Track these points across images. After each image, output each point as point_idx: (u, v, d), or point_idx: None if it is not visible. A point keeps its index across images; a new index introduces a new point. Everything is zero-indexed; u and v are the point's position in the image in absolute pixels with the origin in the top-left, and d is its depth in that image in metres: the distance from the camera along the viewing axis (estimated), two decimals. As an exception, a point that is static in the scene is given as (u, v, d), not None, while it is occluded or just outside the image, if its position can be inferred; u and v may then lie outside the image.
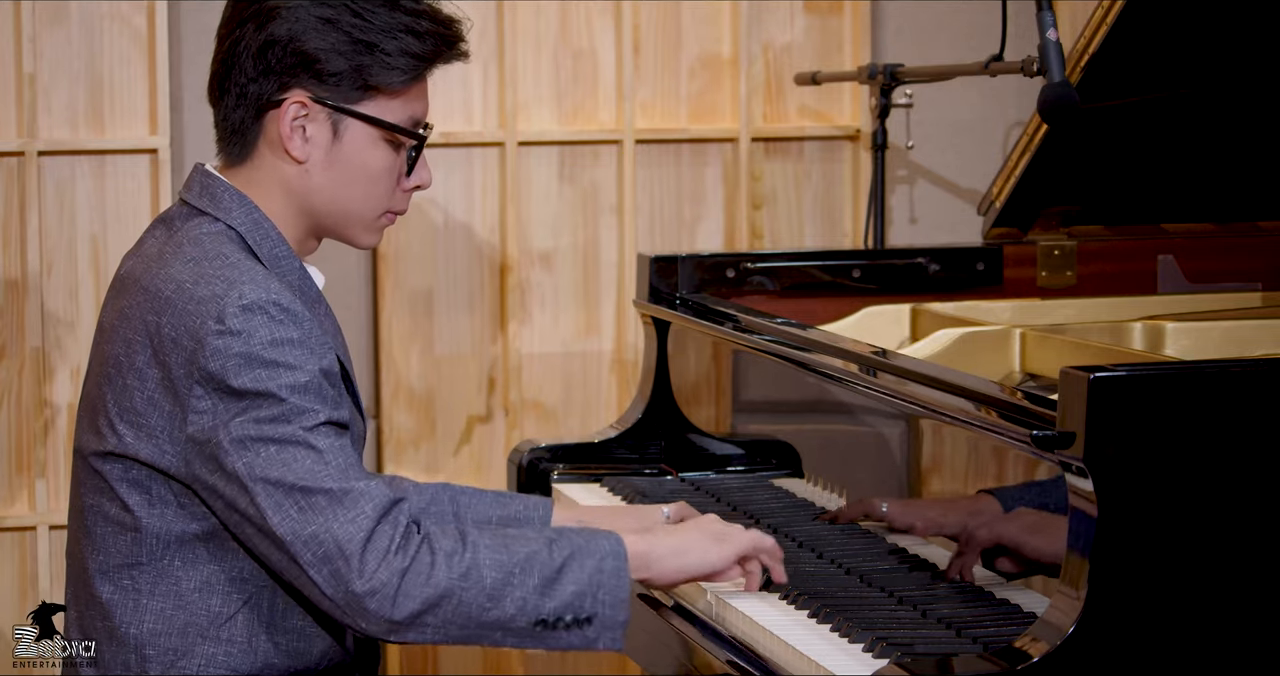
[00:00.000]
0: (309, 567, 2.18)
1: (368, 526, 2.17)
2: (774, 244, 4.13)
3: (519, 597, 2.20)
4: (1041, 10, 2.98)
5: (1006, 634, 2.19)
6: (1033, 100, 2.97)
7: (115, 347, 2.31)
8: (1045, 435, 2.12)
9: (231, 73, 2.34)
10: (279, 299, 2.24)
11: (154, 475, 2.28)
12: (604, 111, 4.06)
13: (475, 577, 2.19)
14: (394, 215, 2.42)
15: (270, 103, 2.33)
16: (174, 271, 2.28)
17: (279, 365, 2.21)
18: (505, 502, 2.63)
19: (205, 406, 2.22)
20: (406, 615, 2.18)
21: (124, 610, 2.31)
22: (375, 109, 2.34)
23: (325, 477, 2.19)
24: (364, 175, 2.36)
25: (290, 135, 2.33)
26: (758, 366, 2.99)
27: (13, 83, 3.77)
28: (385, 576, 2.17)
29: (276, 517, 2.19)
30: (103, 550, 2.32)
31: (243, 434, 2.19)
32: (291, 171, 2.35)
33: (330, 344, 2.29)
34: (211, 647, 2.30)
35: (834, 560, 2.59)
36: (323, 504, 2.18)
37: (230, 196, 2.35)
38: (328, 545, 2.17)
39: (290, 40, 2.31)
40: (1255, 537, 2.10)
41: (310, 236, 2.42)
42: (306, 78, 2.32)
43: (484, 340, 4.03)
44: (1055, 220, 3.33)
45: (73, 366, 3.82)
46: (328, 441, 2.21)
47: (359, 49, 2.32)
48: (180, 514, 2.28)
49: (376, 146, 2.36)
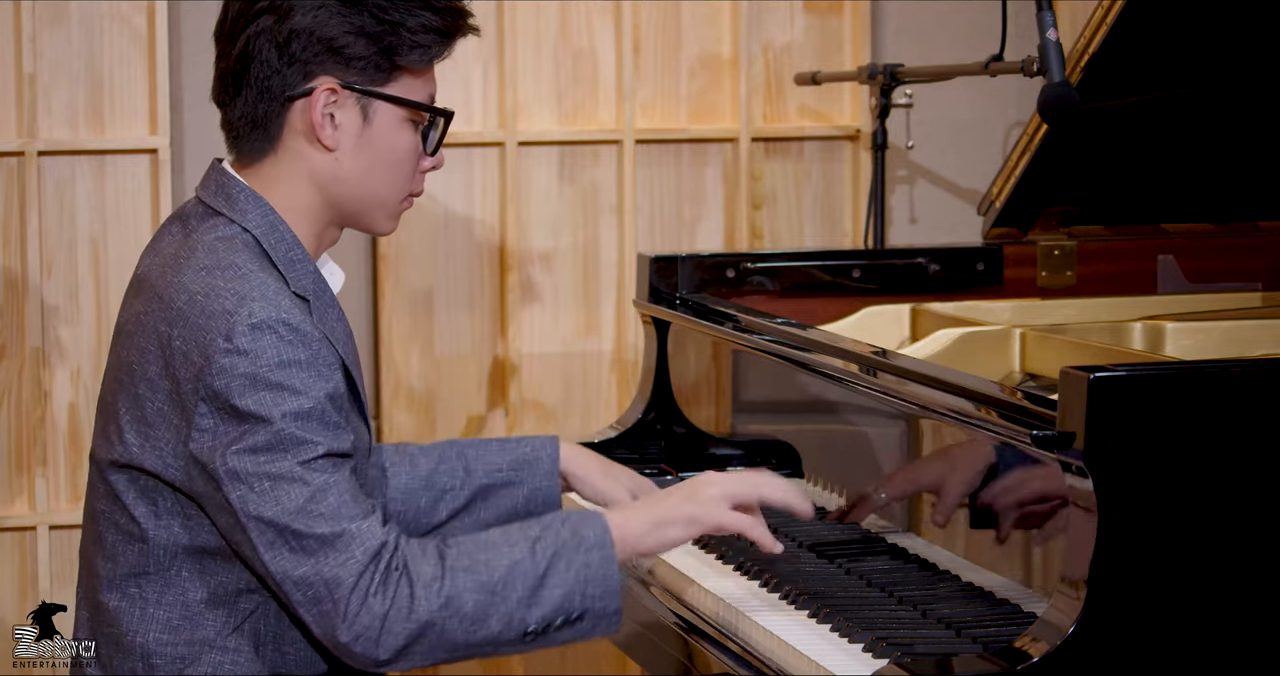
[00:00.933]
0: (299, 606, 2.20)
1: (356, 571, 2.18)
2: (774, 244, 4.13)
3: (504, 614, 2.21)
4: (1041, 10, 2.98)
5: (1006, 634, 2.19)
6: (1033, 100, 2.97)
7: (130, 354, 2.30)
8: (1045, 435, 2.12)
9: (250, 67, 2.32)
10: (289, 318, 2.22)
11: (160, 487, 2.27)
12: (604, 111, 4.06)
13: (456, 606, 2.19)
14: (412, 198, 2.43)
15: (297, 93, 2.32)
16: (186, 280, 2.27)
17: (284, 388, 2.20)
18: (512, 448, 2.63)
19: (207, 425, 2.21)
20: (392, 652, 2.19)
21: (131, 619, 2.31)
22: (402, 89, 2.34)
23: (318, 519, 2.19)
24: (392, 158, 2.36)
25: (321, 123, 2.31)
26: (758, 366, 2.99)
27: (13, 83, 3.77)
28: (367, 620, 2.17)
29: (268, 555, 2.19)
30: (111, 558, 2.32)
31: (239, 467, 2.19)
32: (320, 161, 2.34)
33: (337, 362, 2.28)
34: (219, 656, 2.29)
35: (834, 560, 2.59)
36: (314, 547, 2.18)
37: (246, 198, 2.33)
38: (317, 587, 2.18)
39: (314, 29, 2.30)
40: (1255, 537, 2.10)
41: (332, 226, 2.41)
42: (333, 64, 2.31)
43: (484, 340, 4.03)
44: (1055, 220, 3.33)
45: (73, 366, 3.82)
46: (324, 478, 2.20)
47: (385, 30, 2.31)
48: (186, 525, 2.28)
49: (403, 128, 2.36)
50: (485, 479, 2.60)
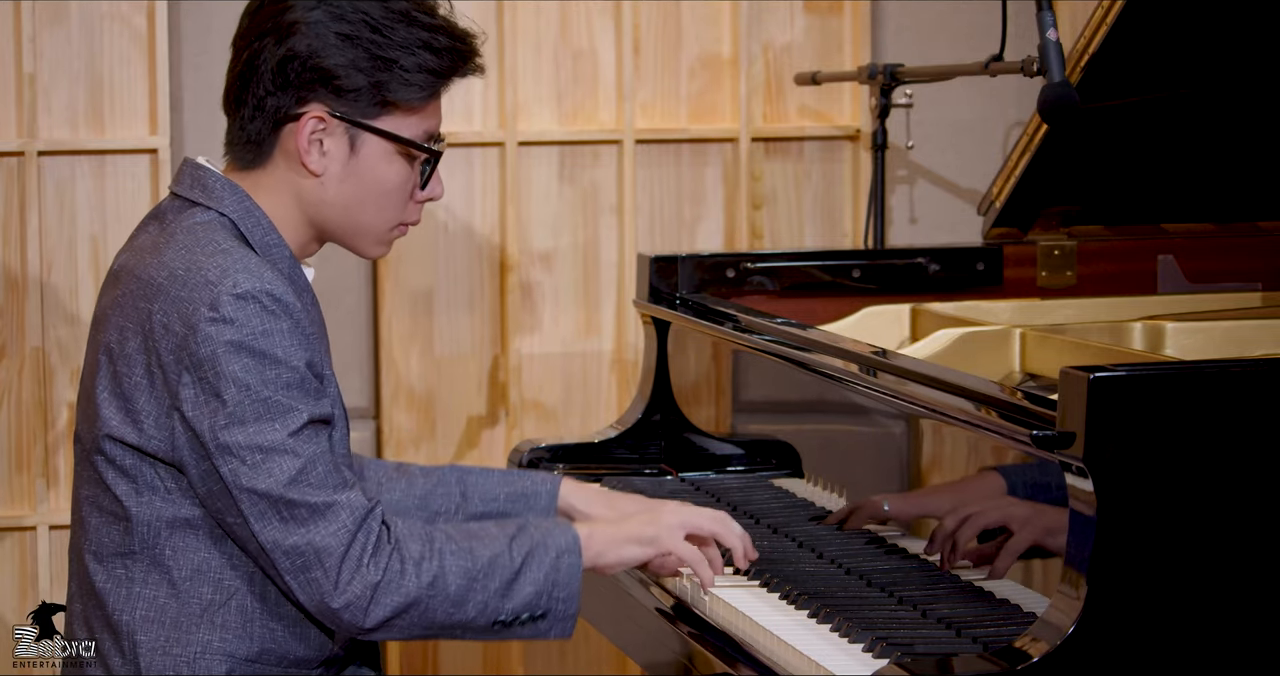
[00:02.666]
0: (287, 574, 2.26)
1: (346, 539, 2.25)
2: (774, 244, 4.13)
3: (480, 601, 2.29)
4: (1041, 10, 2.98)
5: (1006, 634, 2.19)
6: (1033, 100, 2.97)
7: (109, 336, 2.33)
8: (1045, 435, 2.12)
9: (250, 85, 2.35)
10: (272, 289, 2.26)
11: (141, 461, 2.30)
12: (604, 111, 4.06)
13: (441, 586, 2.27)
14: (406, 226, 2.45)
15: (288, 116, 2.35)
16: (167, 258, 2.31)
17: (267, 356, 2.24)
18: (513, 480, 2.66)
19: (190, 395, 2.25)
20: (377, 622, 2.26)
21: (117, 598, 2.33)
22: (392, 124, 2.36)
23: (308, 489, 2.24)
24: (378, 189, 2.39)
25: (308, 149, 2.35)
26: (758, 366, 2.99)
27: (13, 83, 3.77)
28: (359, 589, 2.24)
29: (258, 525, 2.25)
30: (96, 539, 2.35)
31: (229, 440, 2.23)
32: (306, 184, 2.38)
33: (316, 333, 2.33)
34: (206, 634, 2.32)
35: (834, 560, 2.59)
36: (304, 516, 2.24)
37: (222, 186, 2.37)
38: (308, 556, 2.24)
39: (310, 55, 2.33)
40: (1255, 537, 2.10)
41: (314, 241, 2.44)
42: (325, 93, 2.34)
43: (484, 340, 4.03)
44: (1055, 220, 3.33)
45: (73, 366, 3.82)
46: (311, 447, 2.25)
47: (378, 65, 2.33)
48: (168, 499, 2.31)
49: (392, 161, 2.38)
50: (481, 507, 2.63)
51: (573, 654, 4.07)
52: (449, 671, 4.02)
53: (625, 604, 2.71)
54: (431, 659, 4.04)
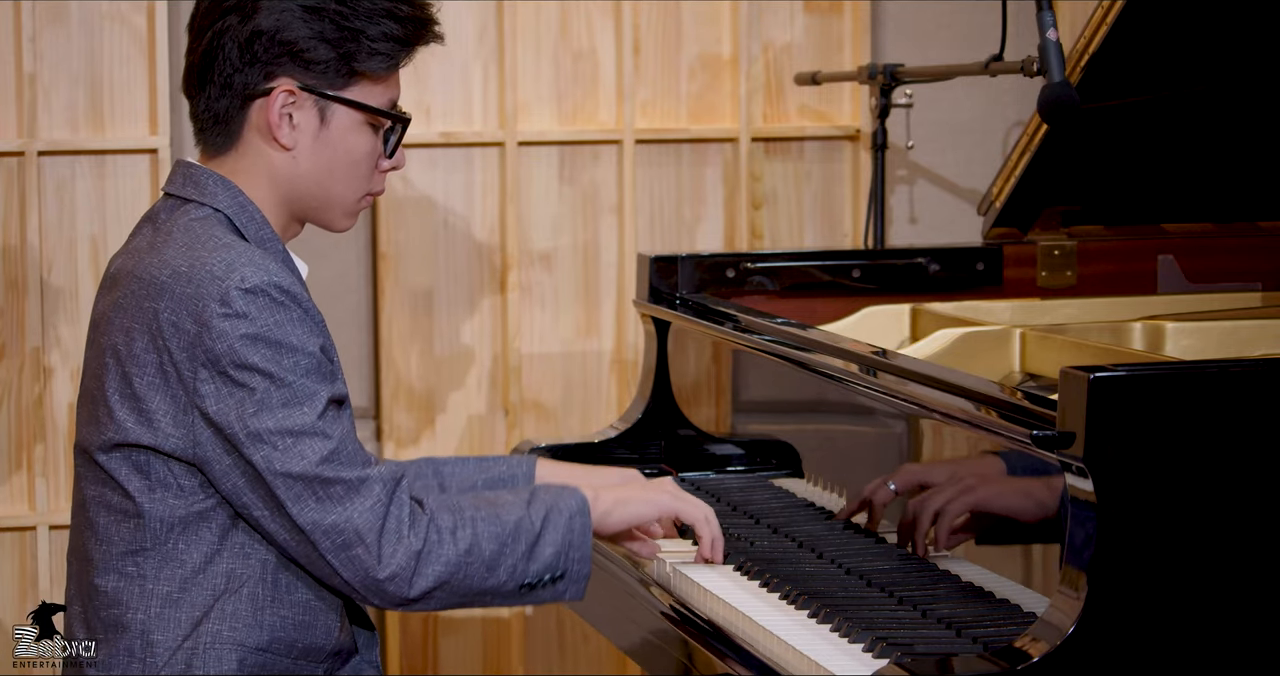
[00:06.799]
0: (328, 554, 2.29)
1: (382, 512, 2.29)
2: (774, 244, 4.13)
3: (510, 565, 2.34)
4: (1041, 10, 2.98)
5: (1006, 634, 2.19)
6: (1033, 100, 2.97)
7: (114, 338, 2.33)
8: (1045, 435, 2.12)
9: (214, 63, 2.38)
10: (279, 280, 2.29)
11: (154, 460, 2.31)
12: (604, 111, 4.06)
13: (477, 552, 2.32)
14: (372, 197, 2.48)
15: (257, 92, 2.38)
16: (168, 256, 2.33)
17: (283, 345, 2.27)
18: (489, 466, 2.70)
19: (211, 390, 2.27)
20: (421, 592, 2.31)
21: (130, 596, 2.34)
22: (360, 94, 2.40)
23: (340, 467, 2.28)
24: (348, 159, 2.42)
25: (279, 123, 2.38)
26: (758, 366, 2.99)
27: (13, 83, 3.77)
28: (403, 560, 2.29)
29: (296, 508, 2.28)
30: (106, 540, 2.35)
31: (259, 427, 2.26)
32: (278, 159, 2.40)
33: (322, 319, 2.36)
34: (217, 624, 2.33)
35: (834, 560, 2.59)
36: (340, 493, 2.28)
37: (215, 182, 2.39)
38: (348, 533, 2.28)
39: (276, 30, 2.36)
40: (1255, 537, 2.10)
41: (293, 221, 2.47)
42: (293, 66, 2.37)
43: (484, 340, 4.03)
44: (1055, 220, 3.33)
45: (73, 366, 3.82)
46: (336, 427, 2.30)
47: (345, 36, 2.37)
48: (180, 495, 2.32)
49: (361, 131, 2.42)
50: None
51: (573, 654, 4.07)
52: (449, 671, 4.02)
53: (625, 604, 2.71)
54: (432, 659, 4.04)
